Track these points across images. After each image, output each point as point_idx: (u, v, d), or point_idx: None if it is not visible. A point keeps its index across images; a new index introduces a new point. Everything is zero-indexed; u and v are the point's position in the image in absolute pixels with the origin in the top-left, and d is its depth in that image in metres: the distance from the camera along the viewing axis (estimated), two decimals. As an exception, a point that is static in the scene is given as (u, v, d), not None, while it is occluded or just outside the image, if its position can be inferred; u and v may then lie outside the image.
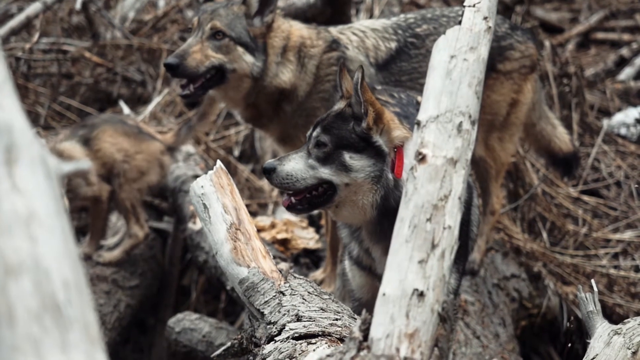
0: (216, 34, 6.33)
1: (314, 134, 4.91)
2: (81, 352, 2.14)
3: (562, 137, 7.53)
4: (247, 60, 6.36)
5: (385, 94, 5.23)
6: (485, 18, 3.73)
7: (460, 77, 3.45)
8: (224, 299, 8.66)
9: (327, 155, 4.84)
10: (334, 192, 4.86)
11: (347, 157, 4.79)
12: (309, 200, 4.96)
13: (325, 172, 4.84)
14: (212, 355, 5.07)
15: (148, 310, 8.66)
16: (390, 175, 4.78)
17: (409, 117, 5.00)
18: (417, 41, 6.72)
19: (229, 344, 5.01)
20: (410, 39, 6.72)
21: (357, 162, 4.78)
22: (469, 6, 3.76)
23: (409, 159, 4.76)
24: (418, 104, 5.25)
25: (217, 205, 5.02)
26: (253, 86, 6.43)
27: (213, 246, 5.01)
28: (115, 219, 8.36)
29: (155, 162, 7.69)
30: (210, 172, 5.16)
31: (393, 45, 6.67)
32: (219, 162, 5.24)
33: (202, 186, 5.09)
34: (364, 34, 6.70)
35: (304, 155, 4.92)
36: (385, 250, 4.84)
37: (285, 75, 6.46)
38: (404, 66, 6.65)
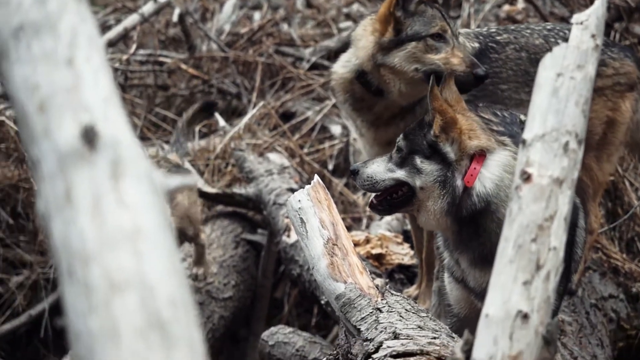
0: None
1: (397, 140, 5.11)
2: (186, 371, 2.12)
3: None
4: None
5: (488, 112, 5.23)
6: (593, 35, 3.64)
7: (567, 95, 3.38)
8: (316, 312, 8.64)
9: (403, 159, 5.03)
10: (412, 195, 5.01)
11: (418, 161, 4.96)
12: (389, 202, 5.15)
13: (400, 174, 5.02)
14: (307, 370, 5.07)
15: (241, 322, 8.67)
16: (458, 183, 4.87)
17: (514, 136, 5.00)
18: (497, 47, 6.67)
19: (324, 359, 4.99)
20: (490, 44, 6.67)
21: (426, 166, 4.94)
22: (577, 23, 3.68)
23: (488, 169, 4.85)
24: (522, 122, 5.24)
25: (314, 219, 5.02)
26: None
27: (309, 261, 5.00)
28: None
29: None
30: (307, 186, 5.16)
31: (476, 45, 6.62)
32: (316, 177, 5.24)
33: (299, 200, 5.09)
34: None
35: (386, 160, 5.14)
36: (471, 262, 5.04)
37: None
38: (486, 69, 6.60)
